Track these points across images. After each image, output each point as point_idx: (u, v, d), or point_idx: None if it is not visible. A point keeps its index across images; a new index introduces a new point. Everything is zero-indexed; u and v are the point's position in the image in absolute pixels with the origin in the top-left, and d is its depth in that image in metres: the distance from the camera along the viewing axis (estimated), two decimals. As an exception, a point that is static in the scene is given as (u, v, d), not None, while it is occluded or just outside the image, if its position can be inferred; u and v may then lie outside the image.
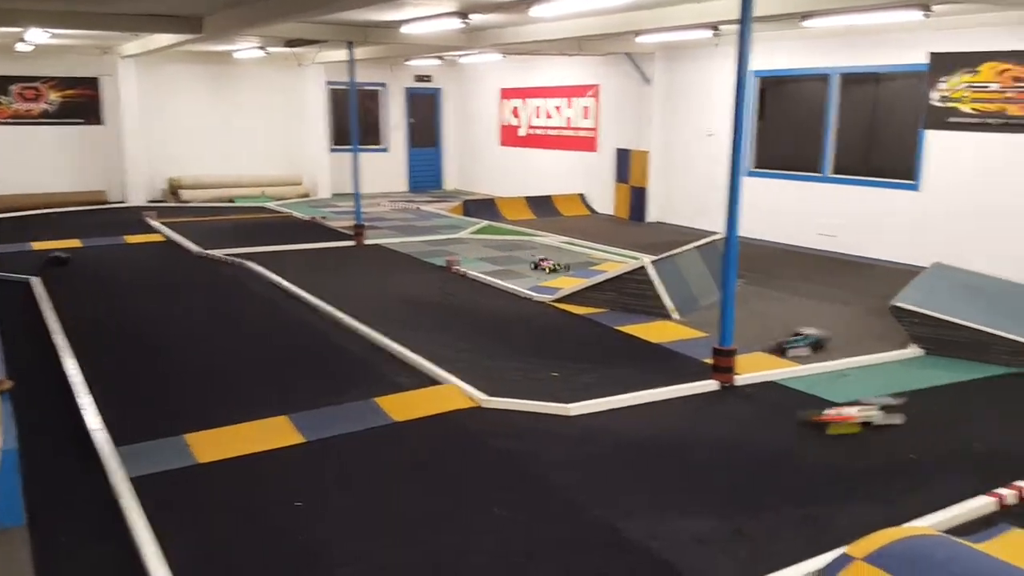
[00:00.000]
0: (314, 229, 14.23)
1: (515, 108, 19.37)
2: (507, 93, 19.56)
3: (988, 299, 7.81)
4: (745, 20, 5.79)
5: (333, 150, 19.10)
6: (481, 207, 16.50)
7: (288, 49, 15.52)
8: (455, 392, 6.02)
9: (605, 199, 16.59)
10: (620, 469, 4.90)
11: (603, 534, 4.10)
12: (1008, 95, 9.81)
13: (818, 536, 3.90)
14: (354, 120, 13.21)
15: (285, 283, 9.56)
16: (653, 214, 15.41)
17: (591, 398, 5.85)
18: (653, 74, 14.95)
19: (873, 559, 3.24)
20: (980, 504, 4.33)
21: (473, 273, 10.36)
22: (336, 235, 13.44)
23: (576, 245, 12.67)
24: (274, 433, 5.26)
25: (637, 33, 11.23)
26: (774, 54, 12.71)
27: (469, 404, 5.83)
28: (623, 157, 15.88)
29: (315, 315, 8.38)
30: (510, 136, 19.71)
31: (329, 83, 18.88)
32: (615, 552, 3.94)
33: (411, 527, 4.17)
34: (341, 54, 15.56)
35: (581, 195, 17.16)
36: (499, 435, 5.34)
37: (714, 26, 10.46)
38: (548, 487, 4.62)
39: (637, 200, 15.64)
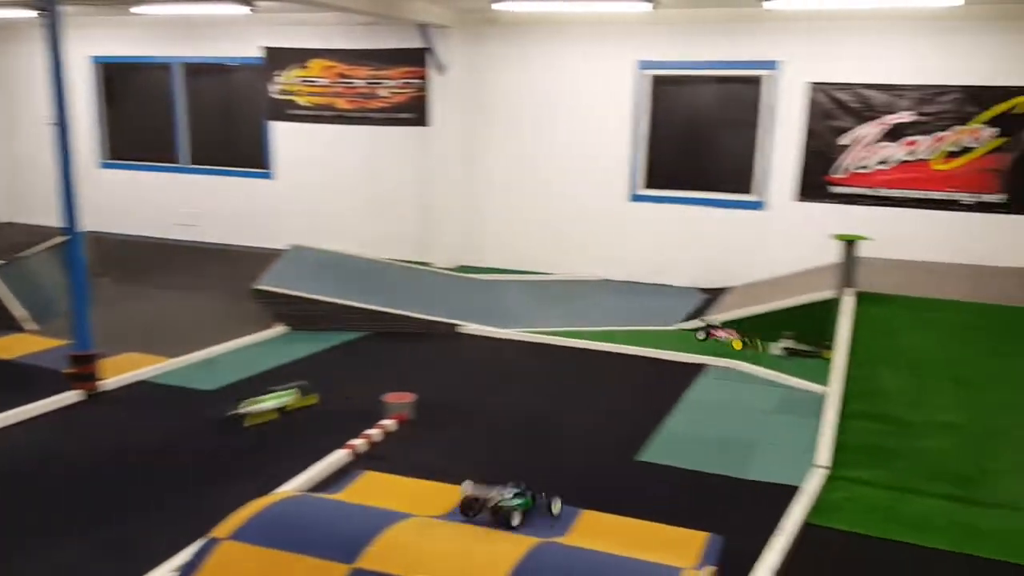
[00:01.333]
0: None
1: None
2: None
3: (341, 274, 8.75)
4: (51, 2, 5.42)
5: None
6: None
7: None
8: None
9: (-71, 199, 13.92)
10: (-34, 513, 4.26)
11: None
12: (336, 90, 11.08)
13: (193, 526, 3.95)
14: None
15: None
16: (1, 214, 13.52)
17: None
18: (-27, 54, 12.98)
19: (238, 535, 3.43)
20: (339, 457, 4.91)
21: None
22: None
23: None
24: None
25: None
26: (115, 41, 12.15)
27: None
28: (-54, 149, 13.48)
29: None
30: None
31: None
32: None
33: None
34: None
35: None
36: None
37: (40, 8, 9.48)
38: None
39: (-28, 198, 13.49)
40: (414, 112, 10.67)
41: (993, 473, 4.61)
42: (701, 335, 7.50)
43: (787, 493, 4.49)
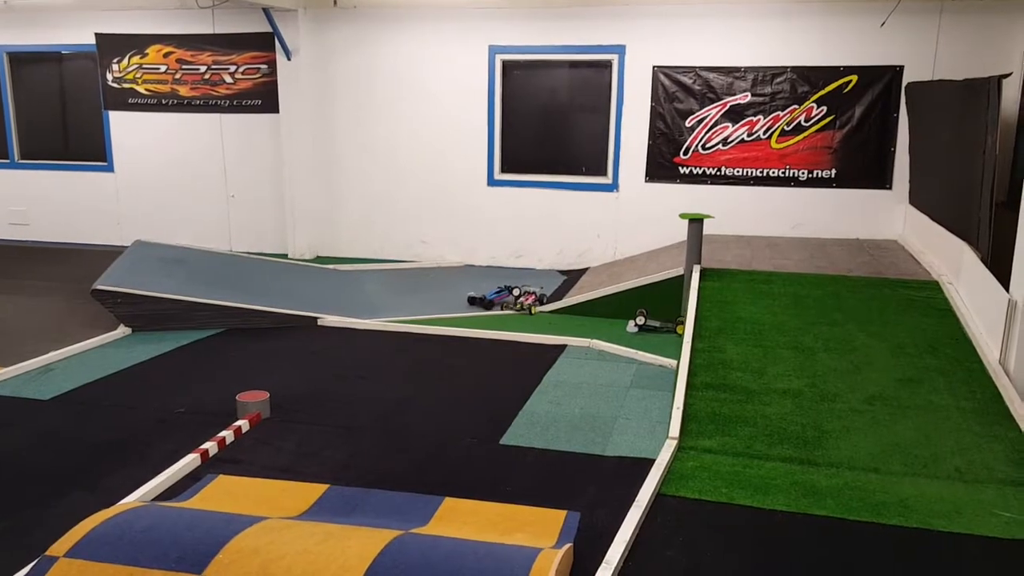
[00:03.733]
0: None
1: None
2: None
3: (191, 270, 8.36)
4: None
5: None
6: None
7: None
8: None
9: None
10: None
11: None
12: (178, 77, 10.55)
13: (29, 545, 3.70)
14: None
15: None
16: None
17: None
18: None
19: (75, 552, 3.24)
20: (188, 461, 4.70)
21: None
22: None
23: None
24: None
25: None
26: (-77, 23, 11.12)
27: None
28: None
29: None
30: None
31: None
32: None
33: None
34: None
35: None
36: None
37: None
38: None
39: None
40: (262, 99, 10.32)
41: (829, 434, 4.94)
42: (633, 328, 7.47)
43: (643, 466, 4.65)
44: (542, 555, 3.38)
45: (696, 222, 7.39)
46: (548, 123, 9.96)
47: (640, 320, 7.41)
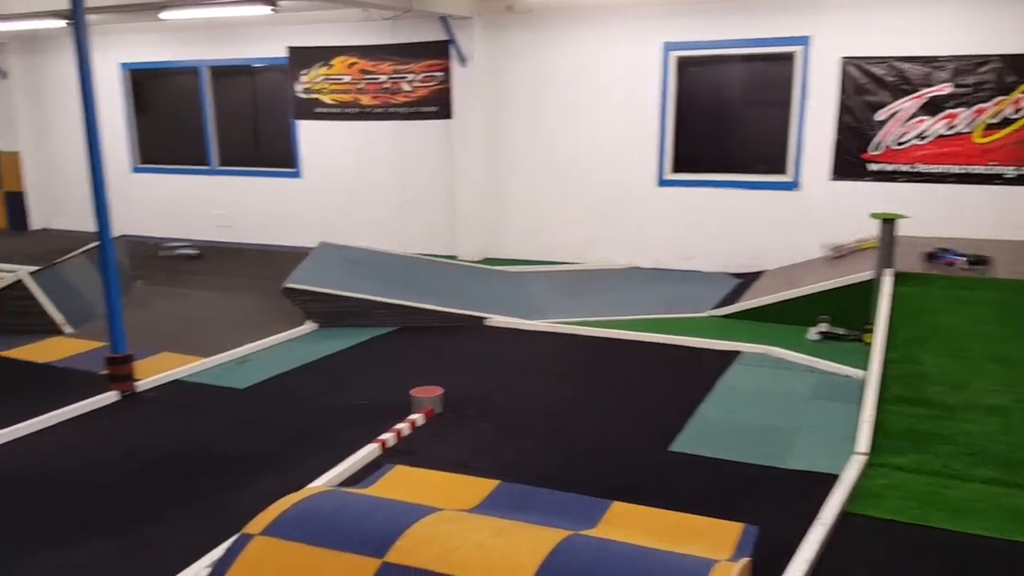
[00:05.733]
0: None
1: None
2: None
3: (369, 270, 8.78)
4: (78, 12, 5.46)
5: None
6: None
7: None
8: None
9: (-29, 208, 14.25)
10: (8, 513, 4.32)
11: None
12: (360, 86, 11.09)
13: (226, 523, 3.97)
14: None
15: None
16: (37, 220, 13.79)
17: (-38, 442, 5.03)
18: (10, 67, 13.23)
19: (269, 531, 3.43)
20: (368, 452, 4.90)
21: None
22: None
23: (-66, 266, 10.64)
24: None
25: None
26: (142, 46, 12.31)
27: None
28: (-13, 159, 13.78)
29: None
30: None
31: None
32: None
33: None
34: None
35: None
36: None
37: (66, 16, 9.62)
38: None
39: (14, 206, 13.79)
40: (437, 105, 10.64)
41: (1040, 456, 4.46)
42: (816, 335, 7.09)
43: (825, 482, 4.38)
44: (718, 567, 3.24)
45: (888, 222, 6.91)
46: (723, 120, 9.65)
47: (822, 327, 7.01)
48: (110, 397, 5.88)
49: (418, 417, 5.38)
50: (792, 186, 9.29)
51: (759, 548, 3.76)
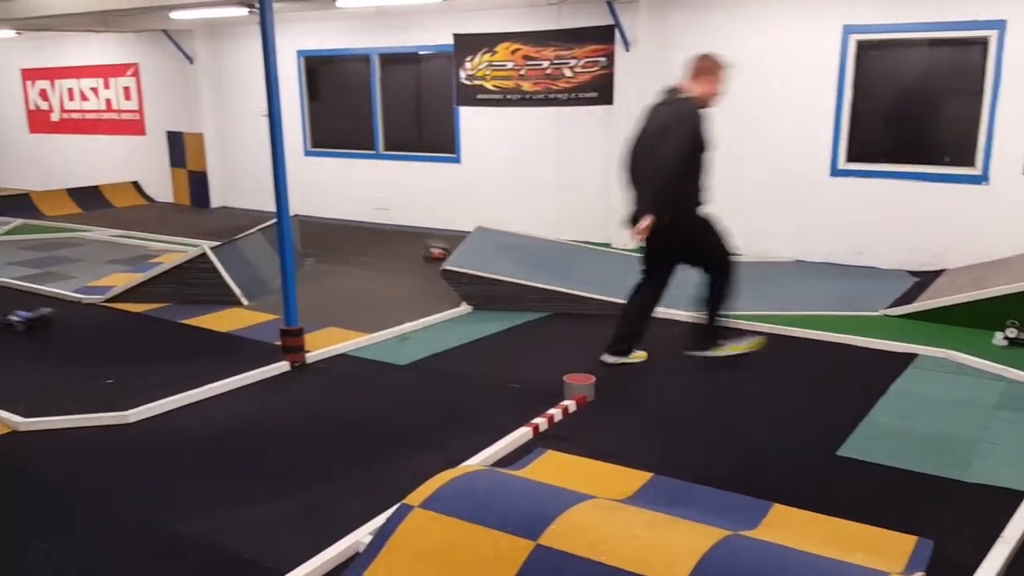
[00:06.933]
0: None
1: (43, 90, 17.08)
2: (30, 74, 17.17)
3: (523, 255, 8.86)
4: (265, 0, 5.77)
5: None
6: (12, 204, 14.36)
7: None
8: (-18, 420, 5.19)
9: (162, 186, 15.52)
10: (187, 470, 4.67)
11: (168, 540, 3.87)
12: (522, 73, 11.17)
13: (386, 493, 4.11)
14: None
15: None
16: (217, 199, 14.82)
17: (154, 400, 5.47)
18: (196, 52, 14.25)
19: (428, 503, 3.52)
20: (520, 435, 4.94)
21: (2, 279, 9.03)
22: None
23: (131, 238, 11.67)
24: None
25: (169, 8, 10.59)
26: (318, 34, 12.92)
27: (2, 431, 5.08)
28: (176, 140, 14.95)
29: None
30: (41, 122, 17.37)
31: None
32: (184, 555, 3.75)
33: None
34: None
35: (135, 183, 15.82)
36: (40, 459, 4.75)
37: (249, 4, 10.27)
38: (104, 506, 4.23)
39: (197, 185, 14.88)
40: (598, 91, 10.56)
41: None
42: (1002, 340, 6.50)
43: (1009, 498, 4.02)
44: (891, 581, 3.03)
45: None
46: (904, 108, 9.03)
47: (1011, 332, 6.43)
48: (282, 367, 6.23)
49: (570, 403, 5.37)
50: (980, 180, 8.57)
51: (933, 564, 3.50)
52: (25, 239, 11.82)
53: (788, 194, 9.64)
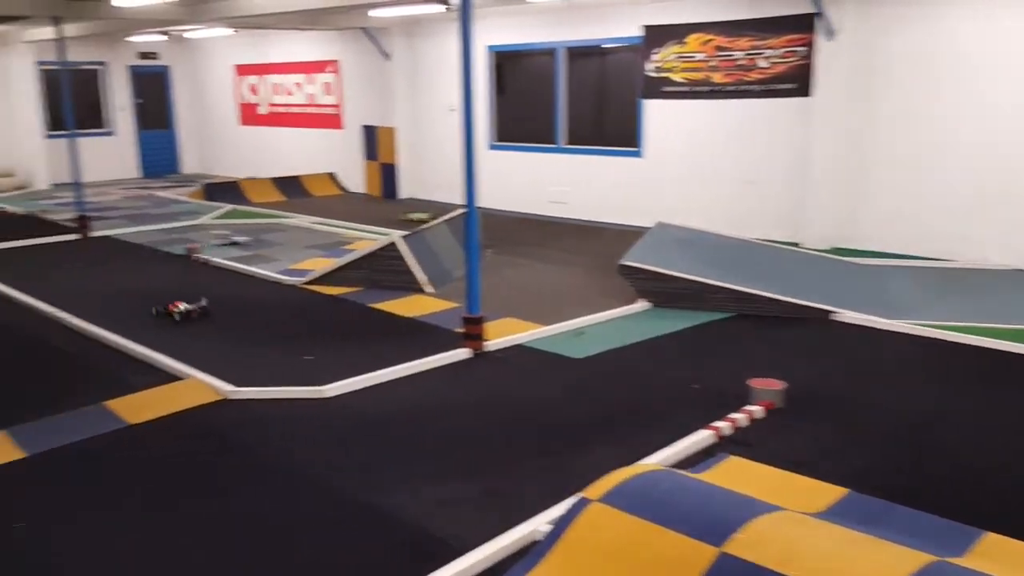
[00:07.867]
0: (30, 223, 12.81)
1: (253, 85, 18.50)
2: (243, 70, 18.62)
3: (705, 253, 8.59)
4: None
5: (50, 136, 17.19)
6: (224, 191, 15.67)
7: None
8: (198, 386, 5.68)
9: (356, 177, 16.37)
10: (377, 445, 4.88)
11: (357, 510, 4.06)
12: (712, 64, 10.84)
13: (563, 483, 4.11)
14: (67, 102, 12.06)
15: (-7, 286, 8.52)
16: (405, 190, 15.44)
17: (347, 378, 5.77)
18: (392, 49, 14.89)
19: (607, 499, 3.48)
20: (701, 437, 4.78)
21: (217, 260, 9.83)
22: (57, 228, 12.16)
23: (327, 226, 12.40)
24: (-15, 454, 4.68)
25: (370, 6, 11.12)
26: (506, 30, 13.14)
27: (214, 398, 5.53)
28: (370, 134, 15.72)
29: (31, 316, 7.55)
30: (250, 115, 18.82)
31: (40, 63, 16.96)
32: (371, 526, 3.92)
33: (155, 532, 3.89)
34: (51, 31, 14.00)
35: (331, 174, 16.79)
36: (247, 426, 5.12)
37: (445, 1, 10.59)
38: (301, 472, 4.50)
39: (388, 177, 15.57)
40: (795, 82, 10.07)
41: None
42: None
43: None
44: None
45: None
46: None
47: None
48: (463, 353, 6.39)
49: (757, 409, 5.15)
50: None
51: None
52: (234, 223, 12.84)
53: (1010, 197, 8.77)
